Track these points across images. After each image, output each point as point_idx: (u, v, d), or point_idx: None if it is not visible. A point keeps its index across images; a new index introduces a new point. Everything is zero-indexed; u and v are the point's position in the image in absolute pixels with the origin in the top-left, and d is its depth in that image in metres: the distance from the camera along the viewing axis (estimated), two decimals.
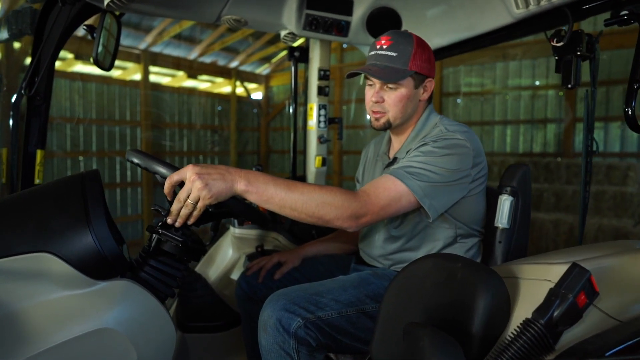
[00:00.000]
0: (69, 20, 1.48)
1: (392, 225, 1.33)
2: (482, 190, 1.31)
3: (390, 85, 1.26)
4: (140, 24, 6.58)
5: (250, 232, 1.92)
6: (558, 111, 6.38)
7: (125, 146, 6.99)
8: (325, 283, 1.24)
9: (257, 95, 9.39)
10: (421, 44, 1.28)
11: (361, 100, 7.90)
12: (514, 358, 0.68)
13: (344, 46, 7.97)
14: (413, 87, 1.28)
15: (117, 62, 1.52)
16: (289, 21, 1.80)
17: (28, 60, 1.55)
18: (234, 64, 8.44)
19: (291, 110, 2.32)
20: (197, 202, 0.99)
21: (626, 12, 1.17)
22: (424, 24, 1.77)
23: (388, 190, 1.12)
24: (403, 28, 1.83)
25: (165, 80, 7.88)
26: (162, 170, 1.05)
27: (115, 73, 7.01)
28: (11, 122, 1.60)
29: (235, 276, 1.95)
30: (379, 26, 1.85)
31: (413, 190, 1.13)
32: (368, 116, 1.35)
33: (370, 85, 1.31)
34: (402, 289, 0.95)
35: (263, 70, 9.20)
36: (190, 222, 1.03)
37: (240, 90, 8.88)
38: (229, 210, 1.15)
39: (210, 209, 1.15)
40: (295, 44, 2.07)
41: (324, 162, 2.20)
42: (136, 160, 1.07)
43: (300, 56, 2.18)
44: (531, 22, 1.47)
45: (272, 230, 1.93)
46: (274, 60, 8.88)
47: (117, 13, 1.60)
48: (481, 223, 1.35)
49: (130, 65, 7.02)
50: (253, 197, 1.03)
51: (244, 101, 9.14)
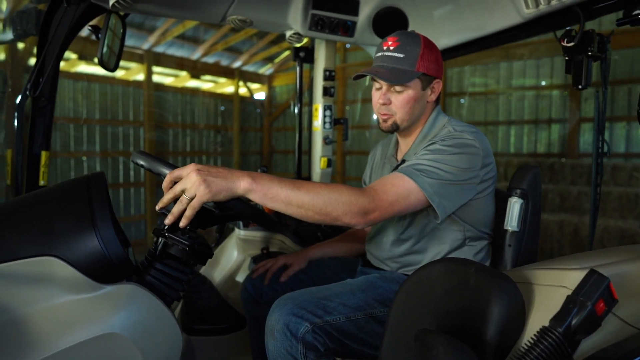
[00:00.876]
0: (74, 20, 1.47)
1: (400, 227, 1.31)
2: (491, 192, 1.29)
3: (397, 87, 1.24)
4: (143, 24, 6.58)
5: (255, 234, 1.91)
6: (562, 111, 6.34)
7: (128, 146, 7.00)
8: (332, 287, 1.22)
9: (260, 95, 9.38)
10: (429, 45, 1.26)
11: (366, 100, 7.89)
12: None
13: (348, 46, 7.96)
14: (420, 89, 1.27)
15: (121, 62, 1.51)
16: (295, 21, 1.78)
17: (33, 60, 1.53)
18: (237, 64, 8.44)
19: (296, 110, 2.31)
20: (193, 199, 0.94)
21: (639, 12, 1.15)
22: (431, 24, 1.76)
23: (396, 186, 1.10)
24: (410, 28, 1.81)
25: (168, 80, 7.88)
26: (167, 171, 1.03)
27: (118, 73, 7.01)
28: (16, 123, 1.59)
29: (240, 278, 1.93)
30: (386, 26, 1.83)
31: (422, 187, 1.11)
32: (375, 117, 1.33)
33: (377, 87, 1.29)
34: (412, 294, 0.94)
35: (266, 70, 9.19)
36: (182, 224, 0.97)
37: (243, 90, 8.88)
38: (234, 212, 1.14)
39: (215, 211, 1.13)
40: (300, 44, 2.05)
41: (329, 164, 2.19)
42: (141, 162, 1.06)
43: (305, 56, 2.17)
44: (541, 22, 1.46)
45: (278, 232, 1.91)
46: (277, 60, 8.87)
47: (122, 13, 1.58)
48: (490, 225, 1.33)
49: (133, 65, 7.03)
50: (257, 196, 1.00)
51: (247, 101, 9.13)
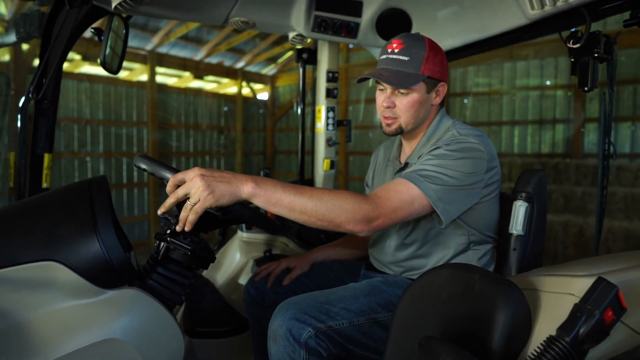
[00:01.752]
0: (77, 23, 1.47)
1: (404, 231, 1.30)
2: (496, 195, 1.28)
3: (402, 90, 1.23)
4: (147, 25, 6.59)
5: (258, 237, 1.90)
6: (567, 111, 6.31)
7: (132, 147, 7.01)
8: (335, 291, 1.21)
9: (263, 95, 9.39)
10: (434, 48, 1.25)
11: (369, 100, 7.87)
12: None
13: (351, 46, 7.94)
14: (425, 92, 1.25)
15: (124, 63, 1.50)
16: (298, 23, 1.77)
17: (37, 62, 1.53)
18: (240, 65, 8.44)
19: (299, 111, 2.30)
20: (196, 204, 0.94)
21: None
22: (435, 25, 1.74)
23: (400, 193, 1.09)
24: (413, 29, 1.80)
25: (171, 81, 7.89)
26: (169, 175, 1.03)
27: (122, 74, 7.03)
28: (19, 126, 1.59)
29: (243, 281, 1.93)
30: (389, 27, 1.82)
31: (426, 193, 1.09)
32: (379, 120, 1.32)
33: (381, 89, 1.28)
34: (416, 300, 0.93)
35: (269, 70, 9.20)
36: (187, 228, 0.97)
37: (246, 90, 8.88)
38: (237, 216, 1.13)
39: (218, 215, 1.13)
40: (302, 46, 2.05)
41: (332, 165, 2.18)
42: (144, 166, 1.05)
43: (308, 58, 2.16)
44: (546, 23, 1.44)
45: (281, 234, 1.91)
46: (280, 60, 8.87)
47: (125, 16, 1.58)
48: (495, 229, 1.32)
49: (137, 66, 7.04)
50: (261, 201, 0.99)
51: (250, 102, 9.13)
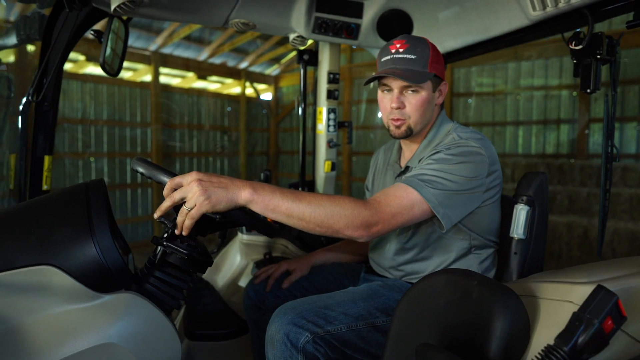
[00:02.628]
0: (77, 25, 1.47)
1: (404, 235, 1.29)
2: (497, 199, 1.26)
3: (411, 89, 1.21)
4: (150, 26, 6.61)
5: (258, 239, 1.90)
6: (572, 112, 6.26)
7: (136, 147, 7.03)
8: (334, 295, 1.20)
9: (267, 96, 9.39)
10: (435, 48, 1.25)
11: (371, 100, 7.86)
12: None
13: (354, 46, 7.92)
14: (432, 91, 1.25)
15: (128, 64, 1.50)
16: (298, 24, 1.77)
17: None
18: (244, 65, 8.45)
19: (300, 111, 2.29)
20: (192, 209, 0.93)
21: None
22: (436, 27, 1.73)
23: (400, 198, 1.08)
24: (414, 30, 1.79)
25: (175, 81, 7.91)
26: (166, 179, 1.02)
27: (126, 75, 7.06)
28: (19, 128, 1.59)
29: (243, 283, 1.92)
30: (390, 29, 1.81)
31: (426, 198, 1.08)
32: (385, 124, 1.28)
33: (387, 90, 1.25)
34: (414, 305, 0.92)
35: (272, 71, 9.19)
36: (184, 233, 0.97)
37: (249, 91, 8.89)
38: (234, 220, 1.12)
39: (216, 218, 1.12)
40: (303, 47, 2.04)
41: (334, 167, 2.17)
42: (141, 169, 1.04)
43: (309, 59, 2.15)
44: (548, 24, 1.42)
45: (281, 237, 1.90)
46: (283, 61, 8.87)
47: (125, 18, 1.58)
48: (496, 233, 1.30)
49: (140, 66, 7.06)
50: (258, 207, 0.99)
51: (254, 102, 9.14)
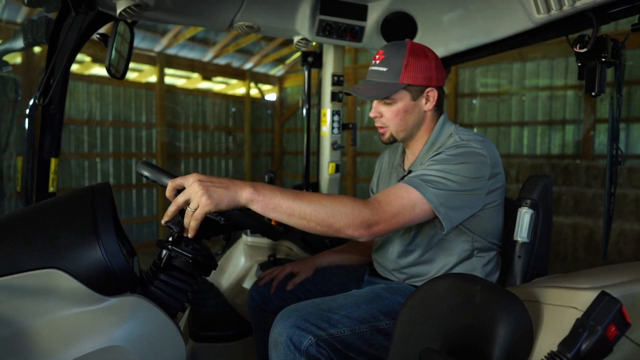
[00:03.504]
0: (83, 29, 1.48)
1: (407, 238, 1.29)
2: (501, 202, 1.26)
3: (386, 100, 1.24)
4: (155, 27, 6.65)
5: (262, 241, 1.91)
6: (577, 112, 6.23)
7: (141, 147, 7.07)
8: (337, 298, 1.21)
9: (271, 96, 9.40)
10: (416, 54, 1.23)
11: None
12: None
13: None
14: (410, 100, 1.25)
15: (133, 65, 1.52)
16: (302, 27, 1.77)
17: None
18: (248, 66, 8.47)
19: (304, 112, 2.29)
20: (195, 210, 0.95)
21: None
22: (440, 29, 1.73)
23: (401, 198, 1.08)
24: (418, 33, 1.79)
25: (180, 82, 7.94)
26: (168, 182, 1.03)
27: (131, 75, 7.10)
28: (26, 130, 1.61)
29: (247, 285, 1.93)
30: (394, 31, 1.81)
31: (427, 198, 1.08)
32: None
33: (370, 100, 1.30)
34: (417, 309, 0.92)
35: (277, 71, 9.21)
36: (190, 235, 0.98)
37: (254, 91, 8.91)
38: (237, 222, 1.13)
39: (220, 220, 1.13)
40: (307, 49, 2.04)
41: (338, 169, 2.17)
42: (146, 173, 1.05)
43: (313, 61, 2.15)
44: (552, 27, 1.42)
45: (285, 239, 1.90)
46: (288, 61, 8.88)
47: (130, 21, 1.59)
48: (499, 236, 1.30)
49: (146, 67, 7.10)
50: (259, 206, 1.00)
51: (258, 102, 9.16)
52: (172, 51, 7.21)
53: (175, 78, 7.80)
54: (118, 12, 1.40)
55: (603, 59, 1.29)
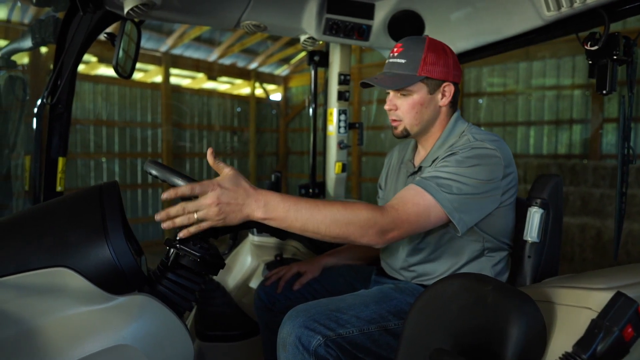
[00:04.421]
0: (90, 28, 1.49)
1: (417, 236, 1.28)
2: (512, 202, 1.25)
3: (402, 92, 1.24)
4: (161, 27, 6.67)
5: (269, 240, 1.90)
6: (584, 111, 6.18)
7: (146, 147, 7.10)
8: (345, 298, 1.20)
9: (276, 96, 9.41)
10: (434, 48, 1.23)
11: (381, 101, 7.83)
12: None
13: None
14: (427, 93, 1.24)
15: (139, 65, 1.52)
16: (309, 26, 1.76)
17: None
18: (253, 66, 8.48)
19: (311, 112, 2.29)
20: (202, 221, 0.96)
21: None
22: (448, 27, 1.72)
23: (416, 205, 1.08)
24: (426, 31, 1.78)
25: (185, 82, 7.96)
26: (181, 183, 1.03)
27: (137, 75, 7.12)
28: (34, 130, 1.61)
29: (254, 284, 1.93)
30: (401, 30, 1.80)
31: (442, 203, 1.08)
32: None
33: (387, 92, 1.29)
34: (427, 310, 0.91)
35: (282, 71, 9.21)
36: (181, 235, 0.98)
37: (259, 91, 8.91)
38: (246, 223, 1.13)
39: None
40: (314, 48, 2.04)
41: (344, 168, 2.17)
42: (154, 172, 1.05)
43: (320, 60, 2.15)
44: (562, 25, 1.40)
45: (292, 238, 1.90)
46: (293, 61, 8.88)
47: (137, 20, 1.59)
48: (510, 236, 1.29)
49: (151, 67, 7.13)
50: (273, 223, 1.02)
51: (263, 102, 9.16)
52: (178, 51, 7.23)
53: (180, 78, 7.82)
54: (125, 12, 1.40)
55: (615, 57, 1.27)
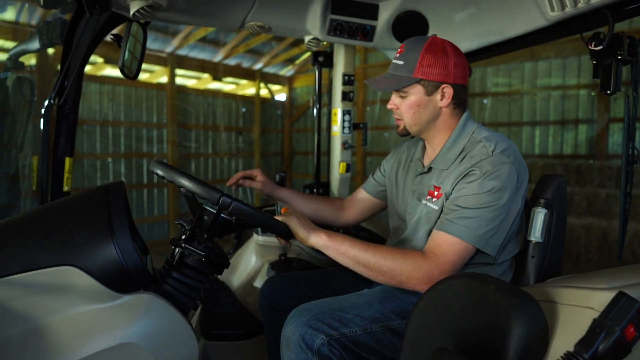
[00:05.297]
0: (97, 29, 1.50)
1: (426, 238, 1.28)
2: (522, 205, 1.24)
3: (401, 93, 1.26)
4: (167, 28, 6.70)
5: (273, 240, 1.91)
6: (590, 111, 6.14)
7: (152, 148, 7.13)
8: (349, 297, 1.21)
9: (281, 96, 9.42)
10: (433, 50, 1.21)
11: (385, 101, 7.80)
12: None
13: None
14: (424, 94, 1.24)
15: (144, 66, 1.53)
16: (313, 26, 1.77)
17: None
18: (258, 66, 8.50)
19: (315, 112, 2.29)
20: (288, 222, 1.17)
21: None
22: (452, 28, 1.72)
23: (455, 252, 1.12)
24: (430, 32, 1.78)
25: (191, 82, 8.00)
26: (187, 183, 1.04)
27: (142, 76, 7.16)
28: (42, 130, 1.63)
29: (258, 284, 1.94)
30: (405, 30, 1.80)
31: (474, 242, 1.13)
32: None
33: (392, 92, 1.32)
34: (430, 309, 0.91)
35: (287, 72, 9.23)
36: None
37: (264, 92, 8.93)
38: (250, 221, 1.14)
39: (233, 220, 1.13)
40: (318, 49, 2.04)
41: (348, 168, 2.17)
42: (160, 172, 1.06)
43: (324, 61, 2.15)
44: (567, 25, 1.40)
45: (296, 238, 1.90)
46: (298, 62, 8.89)
47: (143, 22, 1.61)
48: (516, 240, 1.28)
49: (157, 68, 7.16)
50: (330, 251, 1.15)
51: (268, 103, 9.18)
52: (183, 52, 7.26)
53: (185, 79, 7.86)
54: (132, 13, 1.42)
55: (619, 57, 1.27)
